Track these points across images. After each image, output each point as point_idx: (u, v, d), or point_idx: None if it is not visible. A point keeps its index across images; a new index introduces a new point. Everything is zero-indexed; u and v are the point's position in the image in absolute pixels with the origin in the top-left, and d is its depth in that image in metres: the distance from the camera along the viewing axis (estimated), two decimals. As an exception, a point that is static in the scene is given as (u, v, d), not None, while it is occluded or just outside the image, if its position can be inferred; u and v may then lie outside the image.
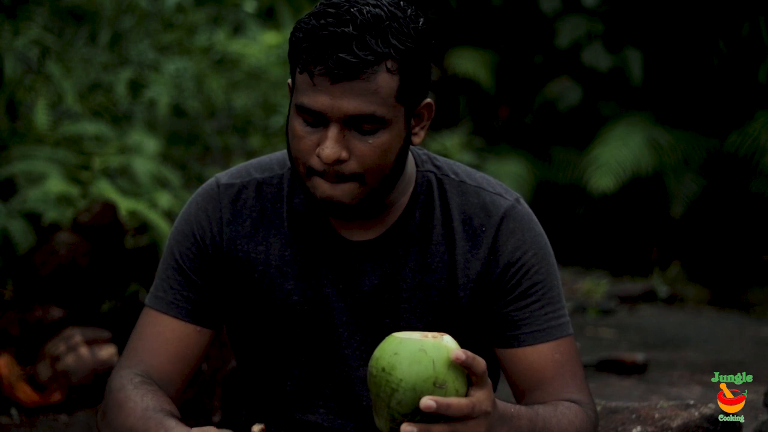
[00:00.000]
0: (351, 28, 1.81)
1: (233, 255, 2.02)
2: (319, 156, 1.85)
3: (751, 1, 7.89)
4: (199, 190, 2.07)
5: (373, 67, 1.82)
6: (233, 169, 2.09)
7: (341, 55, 1.80)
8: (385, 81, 1.83)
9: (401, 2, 1.89)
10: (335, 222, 2.00)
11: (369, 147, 1.86)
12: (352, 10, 1.82)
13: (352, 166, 1.86)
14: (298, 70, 1.86)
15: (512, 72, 8.77)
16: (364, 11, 1.82)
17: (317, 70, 1.82)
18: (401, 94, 1.86)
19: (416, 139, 1.94)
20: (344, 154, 1.85)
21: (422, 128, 1.95)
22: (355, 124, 1.85)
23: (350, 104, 1.83)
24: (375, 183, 1.89)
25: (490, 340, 2.02)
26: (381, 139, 1.86)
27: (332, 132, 1.85)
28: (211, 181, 2.07)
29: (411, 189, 2.01)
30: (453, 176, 2.03)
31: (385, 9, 1.84)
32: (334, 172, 1.86)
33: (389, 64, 1.83)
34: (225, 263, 2.03)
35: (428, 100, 1.94)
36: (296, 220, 2.02)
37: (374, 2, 1.84)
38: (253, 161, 2.09)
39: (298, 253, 2.01)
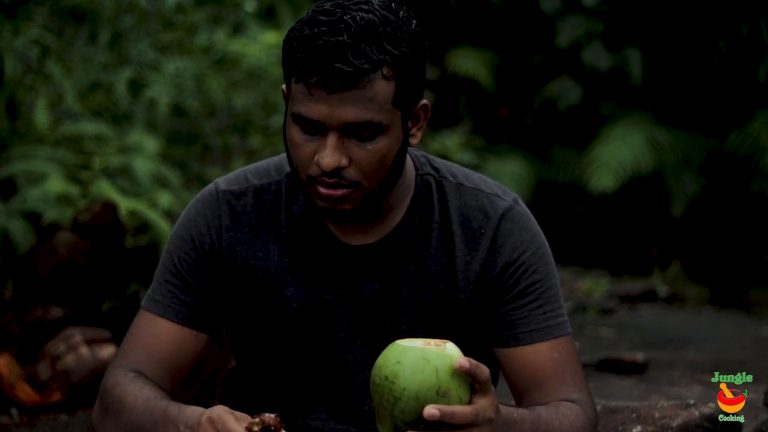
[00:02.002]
0: (345, 36, 1.79)
1: (232, 261, 2.02)
2: (318, 164, 1.85)
3: (751, 1, 7.89)
4: (198, 195, 2.07)
5: (369, 75, 1.81)
6: (231, 174, 2.08)
7: (337, 65, 1.79)
8: (382, 87, 1.83)
9: (392, 4, 1.87)
10: (334, 228, 2.00)
11: (368, 153, 1.86)
12: (345, 17, 1.81)
13: (351, 173, 1.86)
14: (293, 79, 1.85)
15: (512, 71, 8.76)
16: (358, 18, 1.81)
17: (313, 81, 1.81)
18: (398, 99, 1.85)
19: (414, 141, 1.94)
20: (344, 161, 1.85)
21: (419, 129, 1.95)
22: (354, 132, 1.84)
23: (348, 113, 1.82)
24: (374, 187, 1.89)
25: (488, 341, 2.02)
26: (379, 144, 1.86)
27: (331, 140, 1.84)
28: (210, 186, 2.06)
29: (411, 193, 2.01)
30: (451, 179, 2.03)
31: (378, 14, 1.82)
32: (334, 178, 1.86)
33: (385, 70, 1.82)
34: (224, 269, 2.03)
35: (424, 101, 1.94)
36: (295, 226, 2.01)
37: (366, 7, 1.83)
38: (251, 167, 2.08)
39: (297, 259, 2.01)
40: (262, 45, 5.78)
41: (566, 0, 8.35)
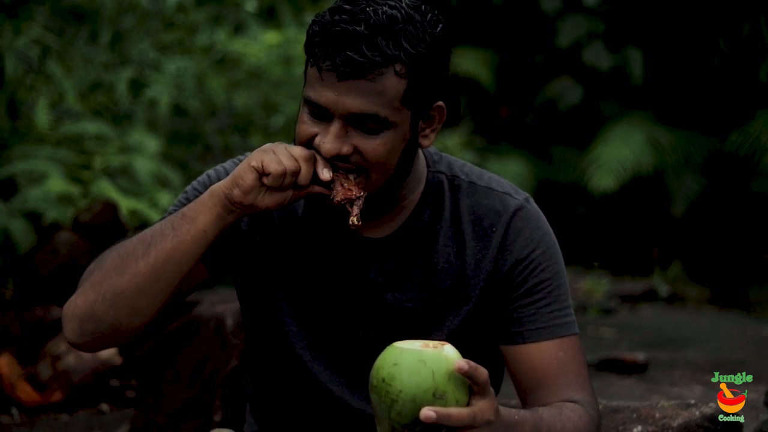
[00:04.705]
0: (363, 27, 1.81)
1: (242, 229, 2.01)
2: (318, 148, 1.86)
3: (751, 1, 7.89)
4: (226, 161, 2.07)
5: (380, 69, 1.82)
6: None
7: (349, 53, 1.81)
8: (392, 83, 1.83)
9: (422, 6, 1.88)
10: None
11: (372, 146, 1.86)
12: (367, 9, 1.82)
13: (357, 158, 1.87)
14: (309, 63, 1.87)
15: (513, 71, 8.76)
16: (380, 12, 1.82)
17: (325, 66, 1.83)
18: (408, 98, 1.86)
19: (425, 142, 1.94)
20: (345, 149, 1.86)
21: (433, 131, 1.95)
22: (359, 123, 1.85)
23: (354, 102, 1.83)
24: (380, 182, 1.90)
25: (495, 337, 2.02)
26: (384, 139, 1.87)
27: (334, 127, 1.86)
28: (238, 156, 2.08)
29: (421, 188, 2.01)
30: (463, 177, 2.04)
31: (403, 12, 1.84)
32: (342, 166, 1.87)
33: (398, 67, 1.83)
34: (235, 227, 2.01)
35: (440, 103, 1.94)
36: (310, 211, 2.02)
37: (393, 3, 1.84)
38: None
39: (309, 245, 2.01)
40: (263, 45, 5.79)
41: (567, 0, 8.35)
